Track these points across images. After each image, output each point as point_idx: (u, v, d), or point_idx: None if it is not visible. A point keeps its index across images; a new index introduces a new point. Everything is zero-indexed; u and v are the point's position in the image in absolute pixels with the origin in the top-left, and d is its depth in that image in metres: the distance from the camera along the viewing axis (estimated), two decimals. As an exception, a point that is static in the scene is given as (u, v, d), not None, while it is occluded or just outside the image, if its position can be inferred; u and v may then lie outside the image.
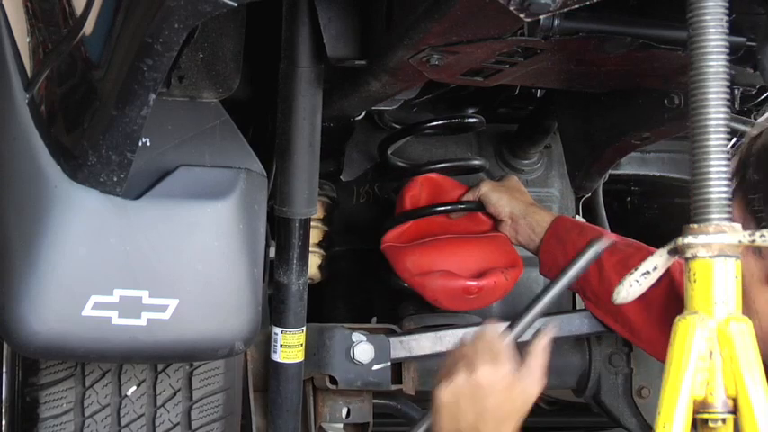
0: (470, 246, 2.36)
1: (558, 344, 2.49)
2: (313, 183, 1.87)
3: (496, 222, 2.35)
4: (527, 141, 2.68)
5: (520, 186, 2.39)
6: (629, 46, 1.62)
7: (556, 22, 1.51)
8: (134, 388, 2.10)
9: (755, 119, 2.39)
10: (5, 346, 2.30)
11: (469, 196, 2.37)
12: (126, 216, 1.65)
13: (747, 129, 1.60)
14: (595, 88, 2.03)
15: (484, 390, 1.63)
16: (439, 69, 1.60)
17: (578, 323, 2.39)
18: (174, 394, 2.11)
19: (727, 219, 1.18)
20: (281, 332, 1.99)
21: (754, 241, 1.18)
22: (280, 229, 1.93)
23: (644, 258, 1.36)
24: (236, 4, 1.31)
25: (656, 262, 1.26)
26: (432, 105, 2.54)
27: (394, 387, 2.26)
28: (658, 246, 1.36)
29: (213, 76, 1.77)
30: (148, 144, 1.71)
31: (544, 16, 1.38)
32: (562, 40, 1.55)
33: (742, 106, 2.17)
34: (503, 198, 2.32)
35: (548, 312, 2.61)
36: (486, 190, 2.33)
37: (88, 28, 1.59)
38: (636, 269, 1.27)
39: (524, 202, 2.33)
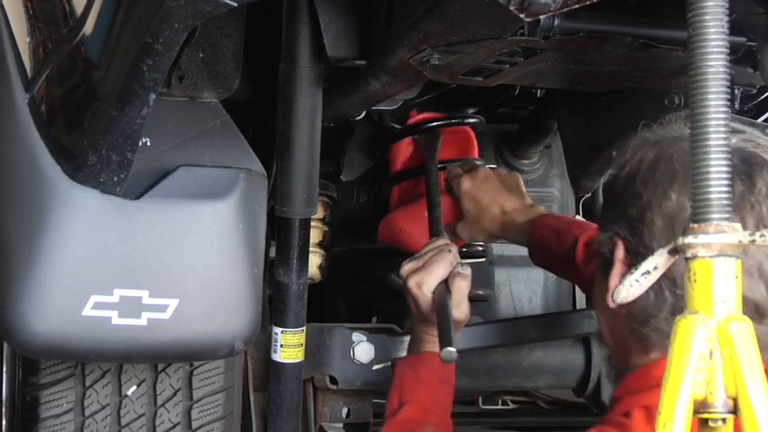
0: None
1: (558, 344, 2.50)
2: (313, 183, 1.87)
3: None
4: (527, 141, 2.69)
5: (519, 186, 2.35)
6: (629, 46, 1.62)
7: (556, 21, 1.51)
8: (134, 388, 2.10)
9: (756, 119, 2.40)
10: (5, 346, 2.30)
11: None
12: (126, 216, 1.65)
13: (747, 128, 1.60)
14: (595, 88, 2.03)
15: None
16: (439, 69, 1.59)
17: (578, 323, 2.39)
18: (175, 394, 2.11)
19: (726, 219, 1.18)
20: (281, 332, 1.98)
21: (754, 241, 1.18)
22: (280, 229, 1.93)
23: None
24: (236, 4, 1.31)
25: (656, 262, 1.25)
26: (432, 105, 2.54)
27: (394, 387, 2.26)
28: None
29: (213, 76, 1.77)
30: (148, 144, 1.71)
31: (544, 16, 1.38)
32: (562, 40, 1.55)
33: (742, 106, 2.17)
34: (474, 228, 2.25)
35: (548, 312, 2.62)
36: (463, 190, 2.26)
37: (88, 28, 1.59)
38: (636, 269, 1.27)
39: (498, 217, 2.22)
